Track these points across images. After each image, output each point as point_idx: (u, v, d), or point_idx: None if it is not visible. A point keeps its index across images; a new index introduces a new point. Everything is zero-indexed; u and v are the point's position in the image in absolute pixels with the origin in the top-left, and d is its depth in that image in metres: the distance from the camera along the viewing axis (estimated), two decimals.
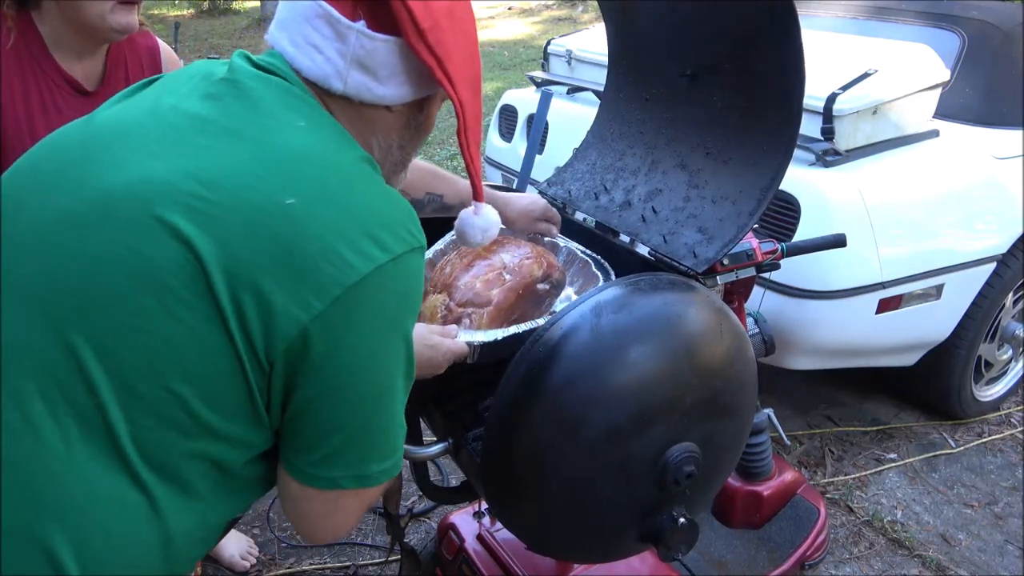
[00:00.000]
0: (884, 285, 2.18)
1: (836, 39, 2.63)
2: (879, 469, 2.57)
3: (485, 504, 1.59)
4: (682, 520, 1.18)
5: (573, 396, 1.09)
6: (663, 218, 1.46)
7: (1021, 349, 2.84)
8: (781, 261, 1.51)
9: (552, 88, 2.84)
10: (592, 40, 3.09)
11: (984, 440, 2.72)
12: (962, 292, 2.41)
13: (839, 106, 2.12)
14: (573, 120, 2.72)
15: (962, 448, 2.69)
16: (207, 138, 0.81)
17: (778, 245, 1.51)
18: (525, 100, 3.24)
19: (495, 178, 3.36)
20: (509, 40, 9.76)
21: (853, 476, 2.53)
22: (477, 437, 1.26)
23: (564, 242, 1.58)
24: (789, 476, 1.96)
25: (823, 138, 2.17)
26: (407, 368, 0.86)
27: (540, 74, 3.28)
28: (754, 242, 1.47)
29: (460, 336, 1.20)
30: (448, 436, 1.30)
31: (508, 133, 3.33)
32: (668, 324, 1.15)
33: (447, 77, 0.89)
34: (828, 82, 2.16)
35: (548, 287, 1.39)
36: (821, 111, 2.13)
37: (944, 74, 2.30)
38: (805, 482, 2.01)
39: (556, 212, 1.58)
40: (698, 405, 1.17)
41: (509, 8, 12.09)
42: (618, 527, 1.21)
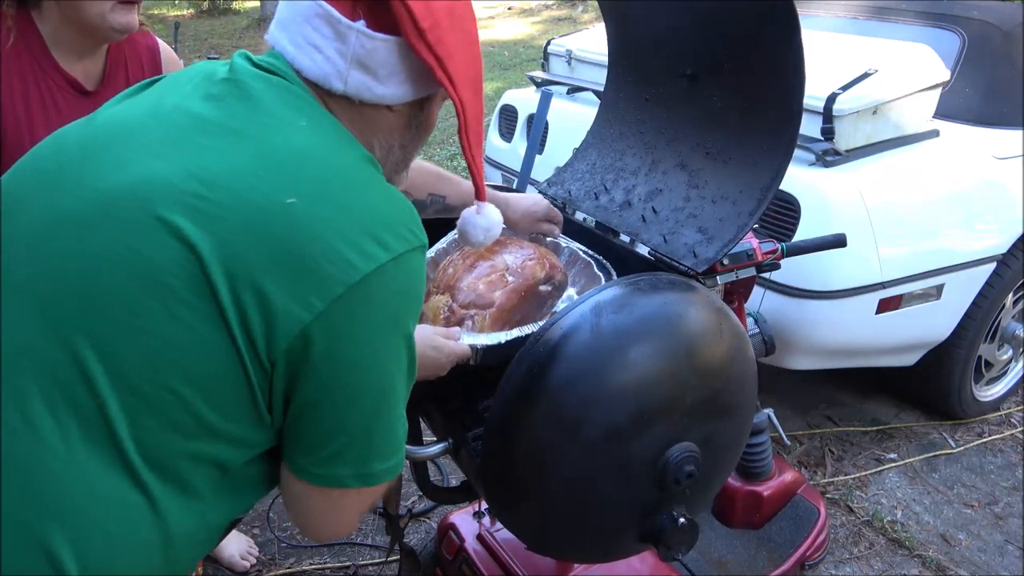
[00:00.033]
0: (884, 285, 2.18)
1: (836, 39, 2.63)
2: (879, 469, 2.57)
3: (485, 504, 1.59)
4: (682, 520, 1.18)
5: (573, 396, 1.09)
6: (663, 218, 1.46)
7: (1021, 349, 2.84)
8: (781, 261, 1.51)
9: (552, 88, 2.83)
10: (592, 40, 3.09)
11: (984, 440, 2.72)
12: (962, 292, 2.41)
13: (839, 106, 2.12)
14: (573, 120, 2.72)
15: (962, 448, 2.69)
16: (209, 138, 0.81)
17: (778, 245, 1.51)
18: (525, 100, 3.24)
19: (495, 178, 3.36)
20: (509, 40, 9.76)
21: (853, 476, 2.53)
22: (477, 437, 1.26)
23: (566, 243, 1.58)
24: (789, 476, 1.96)
25: (823, 138, 2.17)
26: (409, 367, 0.86)
27: (540, 74, 3.28)
28: (754, 242, 1.47)
29: (463, 339, 1.20)
30: (448, 436, 1.29)
31: (508, 133, 3.32)
32: (668, 324, 1.15)
33: (447, 77, 0.89)
34: (828, 82, 2.16)
35: (550, 289, 1.39)
36: (821, 111, 2.13)
37: (944, 74, 2.30)
38: (805, 482, 2.01)
39: (559, 213, 1.58)
40: (698, 405, 1.17)
41: (509, 8, 12.08)
42: (618, 527, 1.21)
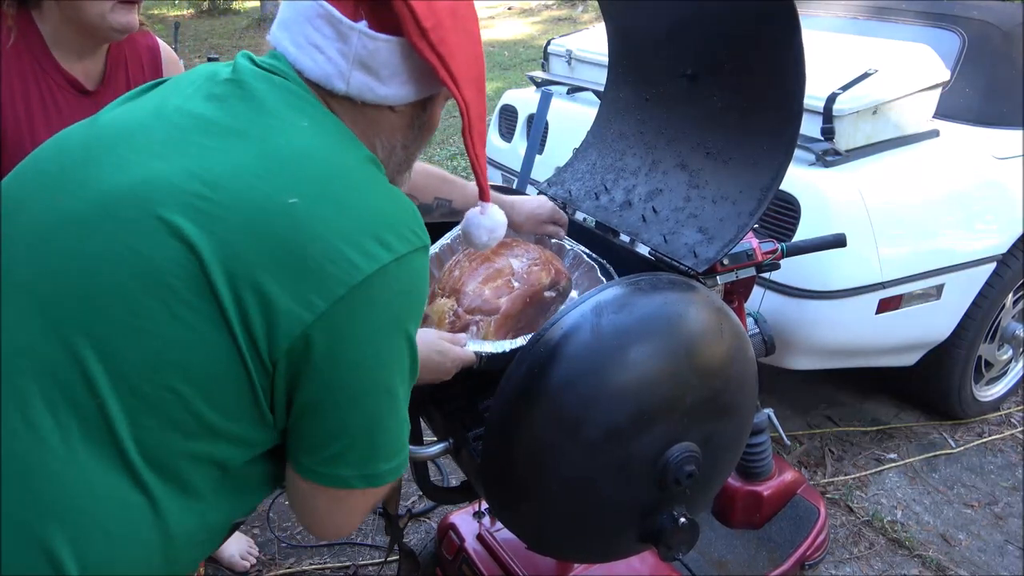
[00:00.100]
0: (884, 285, 2.18)
1: (836, 39, 2.63)
2: (879, 469, 2.57)
3: (485, 504, 1.59)
4: (682, 520, 1.18)
5: (573, 396, 1.09)
6: (663, 218, 1.46)
7: (1021, 349, 2.84)
8: (781, 261, 1.51)
9: (552, 88, 2.84)
10: (592, 40, 3.09)
11: (984, 440, 2.73)
12: (962, 292, 2.41)
13: (839, 106, 2.12)
14: (573, 120, 2.72)
15: (962, 448, 2.69)
16: (211, 138, 0.81)
17: (778, 245, 1.51)
18: (525, 100, 3.24)
19: (495, 178, 3.36)
20: (509, 40, 9.76)
21: (853, 476, 2.53)
22: (477, 437, 1.26)
23: (571, 245, 1.58)
24: (789, 476, 1.96)
25: (823, 138, 2.17)
26: (411, 368, 0.86)
27: (540, 74, 3.28)
28: (754, 242, 1.47)
29: (469, 345, 1.21)
30: (448, 436, 1.30)
31: (508, 133, 3.32)
32: (668, 324, 1.15)
33: (450, 76, 0.88)
34: (828, 82, 2.16)
35: (555, 295, 1.39)
36: (821, 111, 2.13)
37: (944, 74, 2.30)
38: (805, 482, 2.01)
39: (563, 215, 1.58)
40: (698, 405, 1.17)
41: (509, 8, 12.08)
42: (618, 527, 1.21)
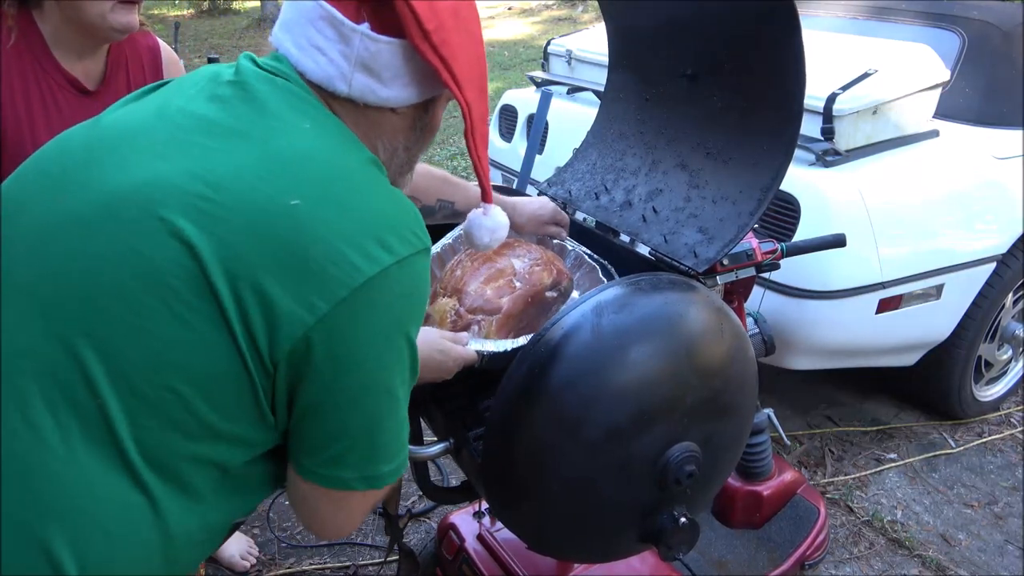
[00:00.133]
0: (884, 285, 2.18)
1: (836, 39, 2.63)
2: (879, 469, 2.57)
3: (485, 504, 1.59)
4: (683, 520, 1.18)
5: (574, 396, 1.09)
6: (663, 218, 1.46)
7: (1021, 349, 2.85)
8: (781, 261, 1.51)
9: (552, 88, 2.84)
10: (592, 40, 3.09)
11: (984, 440, 2.73)
12: (962, 292, 2.41)
13: (839, 106, 2.12)
14: (573, 120, 2.72)
15: (962, 448, 2.69)
16: (213, 139, 0.81)
17: (778, 245, 1.51)
18: (525, 100, 3.24)
19: (495, 178, 3.36)
20: (509, 40, 9.76)
21: (853, 476, 2.53)
22: (478, 437, 1.26)
23: (572, 245, 1.58)
24: (789, 476, 1.96)
25: (823, 138, 2.17)
26: (411, 370, 0.86)
27: (540, 74, 3.28)
28: (754, 242, 1.47)
29: (470, 344, 1.21)
30: (448, 436, 1.30)
31: (508, 133, 3.33)
32: (669, 324, 1.15)
33: (453, 78, 0.88)
34: (828, 82, 2.16)
35: (556, 295, 1.39)
36: (821, 111, 2.13)
37: (944, 74, 2.30)
38: (805, 482, 2.01)
39: (565, 216, 1.58)
40: (698, 405, 1.17)
41: (509, 8, 12.09)
42: (618, 527, 1.21)
